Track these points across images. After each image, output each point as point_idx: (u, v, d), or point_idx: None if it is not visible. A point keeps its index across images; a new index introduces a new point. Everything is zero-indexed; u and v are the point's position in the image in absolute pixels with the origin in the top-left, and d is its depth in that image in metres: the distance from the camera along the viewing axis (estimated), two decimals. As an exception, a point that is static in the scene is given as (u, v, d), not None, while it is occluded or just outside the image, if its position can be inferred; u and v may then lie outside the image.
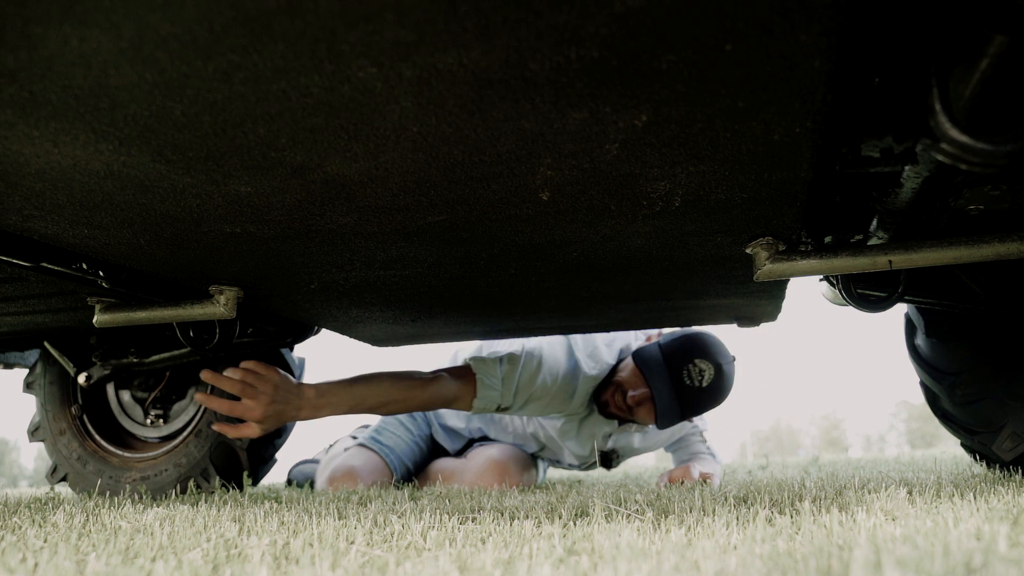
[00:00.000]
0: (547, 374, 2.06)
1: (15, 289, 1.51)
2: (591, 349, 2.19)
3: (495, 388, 2.00)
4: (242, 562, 0.79)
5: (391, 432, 2.59)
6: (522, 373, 2.03)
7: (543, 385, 2.05)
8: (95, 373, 2.07)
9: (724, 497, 1.33)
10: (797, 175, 0.92)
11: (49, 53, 0.63)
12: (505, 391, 2.02)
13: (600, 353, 2.20)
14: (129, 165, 0.85)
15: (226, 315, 1.43)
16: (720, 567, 0.65)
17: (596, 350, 2.20)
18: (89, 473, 2.12)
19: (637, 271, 1.38)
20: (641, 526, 0.99)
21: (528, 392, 2.05)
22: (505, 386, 2.01)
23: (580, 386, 2.13)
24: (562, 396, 2.12)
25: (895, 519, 0.98)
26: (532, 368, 2.04)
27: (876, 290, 1.51)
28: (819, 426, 72.73)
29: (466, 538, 0.93)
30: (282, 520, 1.15)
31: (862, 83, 0.84)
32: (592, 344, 2.21)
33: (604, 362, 2.19)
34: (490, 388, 2.00)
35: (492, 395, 2.01)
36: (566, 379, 2.10)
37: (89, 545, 0.92)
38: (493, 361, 2.04)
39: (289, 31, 0.60)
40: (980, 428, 1.77)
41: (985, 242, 1.15)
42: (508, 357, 2.05)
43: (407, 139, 0.80)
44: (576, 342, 2.18)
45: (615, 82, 0.69)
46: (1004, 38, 0.66)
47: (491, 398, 2.01)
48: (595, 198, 0.99)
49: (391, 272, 1.34)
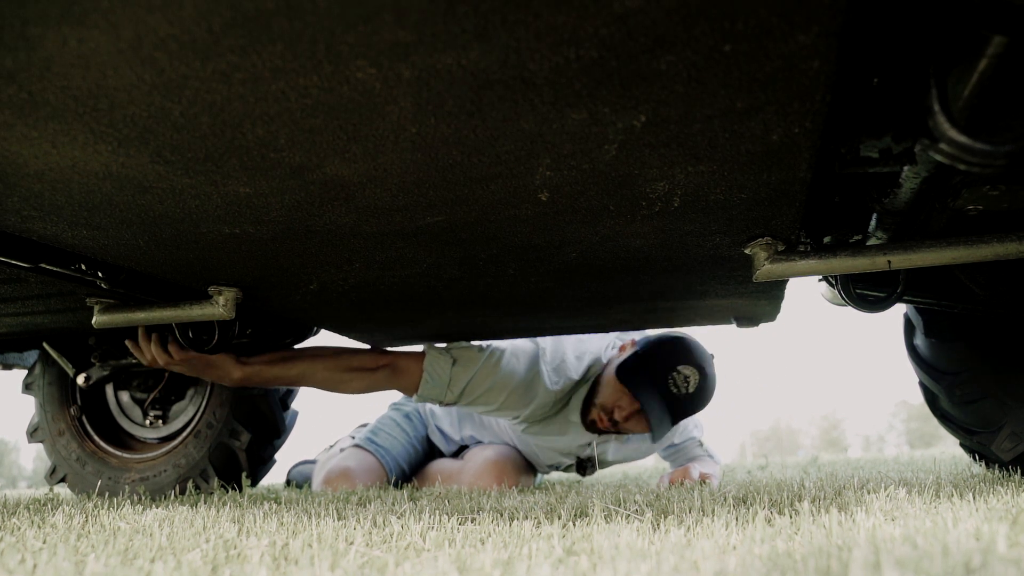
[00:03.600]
0: (499, 383, 2.07)
1: (14, 290, 1.51)
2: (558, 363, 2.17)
3: (439, 386, 2.05)
4: (241, 563, 0.79)
5: (387, 433, 2.59)
6: (474, 377, 2.06)
7: (492, 391, 2.07)
8: (94, 374, 2.07)
9: (723, 497, 1.33)
10: (796, 175, 0.92)
11: (48, 54, 0.63)
12: (449, 391, 2.06)
13: (567, 368, 2.17)
14: (128, 166, 0.85)
15: (225, 316, 1.43)
16: (719, 567, 0.65)
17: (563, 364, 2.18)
18: (88, 474, 2.11)
19: (636, 271, 1.38)
20: (640, 526, 0.99)
21: (474, 395, 2.08)
22: (451, 386, 2.06)
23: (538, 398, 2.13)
24: (512, 405, 2.13)
25: (894, 519, 0.98)
26: (485, 373, 2.06)
27: (875, 290, 1.51)
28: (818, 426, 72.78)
29: (465, 539, 0.93)
30: (281, 521, 1.15)
31: (861, 83, 0.84)
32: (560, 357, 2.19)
33: (568, 378, 2.16)
34: (433, 386, 2.05)
35: (435, 392, 2.06)
36: (518, 391, 2.11)
37: (88, 546, 0.92)
38: (447, 359, 2.06)
39: (288, 32, 0.60)
40: (979, 428, 1.77)
41: (984, 242, 1.15)
42: (465, 358, 2.07)
43: (406, 140, 0.80)
44: (545, 354, 2.17)
45: (614, 83, 0.69)
46: (1003, 38, 0.66)
47: (433, 395, 2.07)
48: (594, 199, 0.99)
49: (390, 273, 1.34)
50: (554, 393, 2.13)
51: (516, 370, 2.10)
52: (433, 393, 2.06)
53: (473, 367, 2.05)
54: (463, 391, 2.06)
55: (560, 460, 2.44)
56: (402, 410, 2.70)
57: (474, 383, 2.05)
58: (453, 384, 2.05)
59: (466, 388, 2.05)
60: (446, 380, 2.04)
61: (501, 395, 2.08)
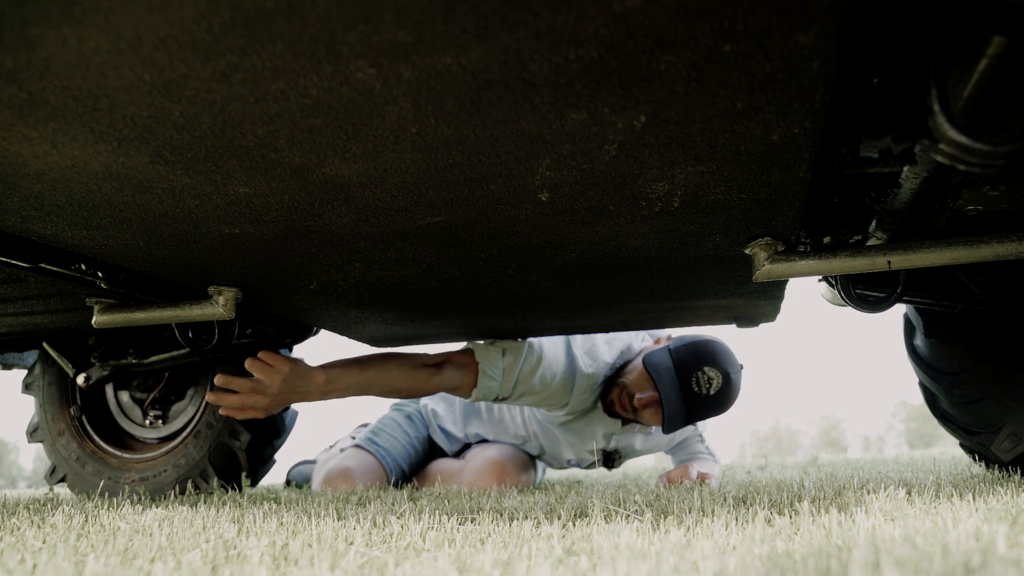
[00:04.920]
0: (546, 369, 2.08)
1: (14, 290, 1.51)
2: (589, 347, 2.21)
3: (495, 379, 2.04)
4: (241, 563, 0.79)
5: (388, 434, 2.59)
6: (523, 366, 2.05)
7: (542, 379, 2.08)
8: (94, 374, 2.07)
9: (723, 497, 1.33)
10: (796, 176, 0.92)
11: (48, 54, 0.63)
12: (505, 382, 2.05)
13: (599, 351, 2.21)
14: (128, 166, 0.85)
15: (225, 316, 1.43)
16: (719, 568, 0.65)
17: (595, 348, 2.21)
18: (88, 474, 2.11)
19: (636, 272, 1.38)
20: (640, 527, 0.99)
21: (527, 385, 2.07)
22: (505, 378, 2.04)
23: (577, 383, 2.15)
24: (559, 391, 2.14)
25: (894, 519, 0.98)
26: (532, 362, 2.06)
27: (875, 290, 1.51)
28: (818, 426, 72.76)
29: (465, 539, 0.93)
30: (281, 521, 1.14)
31: (861, 84, 0.84)
32: (591, 342, 2.22)
33: (602, 360, 2.20)
34: (491, 379, 2.03)
35: (492, 385, 2.04)
36: (564, 375, 2.12)
37: (88, 546, 0.92)
38: (496, 351, 2.06)
39: (288, 32, 0.60)
40: (979, 428, 1.77)
41: (984, 242, 1.15)
42: (511, 348, 2.07)
43: (406, 140, 0.80)
44: (575, 339, 2.20)
45: (614, 83, 0.69)
46: (1003, 39, 0.66)
47: (491, 388, 2.05)
48: (594, 199, 0.99)
49: (390, 273, 1.34)
50: (589, 376, 2.15)
51: (558, 356, 2.13)
52: (492, 386, 2.04)
53: (520, 355, 2.06)
54: (516, 381, 2.05)
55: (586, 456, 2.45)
56: (403, 411, 2.70)
57: (524, 373, 2.06)
58: (507, 374, 2.04)
59: (519, 377, 2.05)
60: (501, 370, 2.04)
61: (552, 381, 2.09)
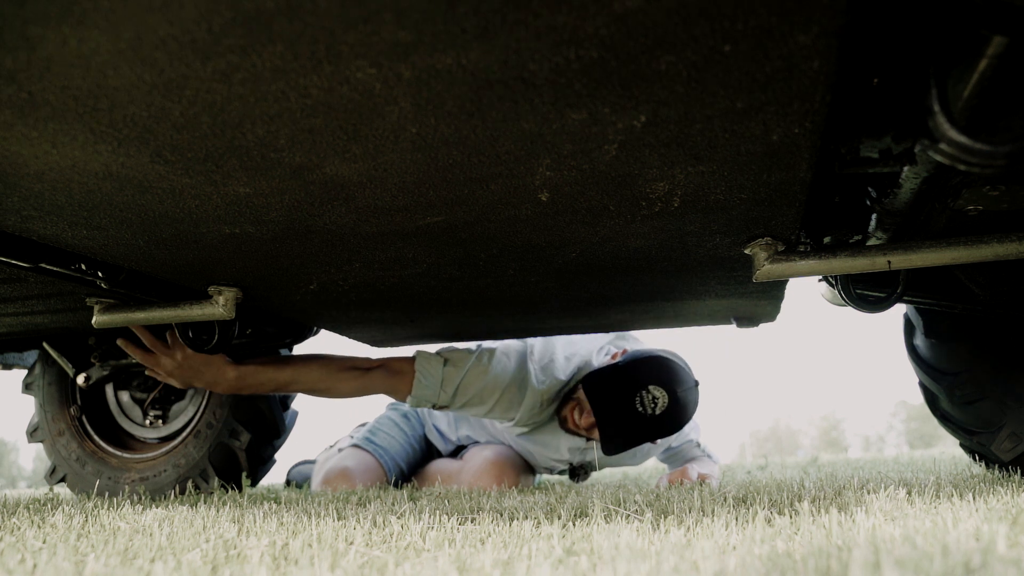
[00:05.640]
0: (490, 382, 2.06)
1: (14, 290, 1.51)
2: (546, 362, 2.15)
3: (430, 388, 2.04)
4: (241, 563, 0.79)
5: (385, 433, 2.60)
6: (464, 378, 2.05)
7: (483, 392, 2.06)
8: (94, 374, 2.07)
9: (723, 497, 1.33)
10: (796, 176, 0.92)
11: (48, 54, 0.63)
12: (443, 392, 2.05)
13: (555, 367, 2.15)
14: (128, 166, 0.85)
15: (225, 316, 1.43)
16: (719, 568, 0.65)
17: (551, 363, 2.15)
18: (88, 474, 2.11)
19: (636, 272, 1.38)
20: (640, 527, 0.99)
21: (467, 397, 2.07)
22: (444, 387, 2.04)
23: (527, 399, 2.10)
24: (505, 406, 2.11)
25: (894, 519, 0.98)
26: (475, 374, 2.05)
27: (875, 290, 1.51)
28: (818, 426, 72.76)
29: (465, 539, 0.93)
30: (281, 521, 1.14)
31: (861, 84, 0.84)
32: (549, 356, 2.17)
33: (555, 377, 2.14)
34: (425, 387, 2.04)
35: (427, 393, 2.05)
36: (510, 390, 2.09)
37: (88, 546, 0.92)
38: (438, 360, 2.06)
39: (288, 32, 0.60)
40: (979, 428, 1.77)
41: (984, 242, 1.15)
42: (455, 359, 2.06)
43: (406, 140, 0.80)
44: (533, 353, 2.15)
45: (614, 83, 0.69)
46: (1003, 39, 0.66)
47: (425, 396, 2.05)
48: (594, 199, 0.99)
49: (390, 273, 1.34)
50: (540, 392, 2.11)
51: (507, 369, 2.09)
52: (426, 394, 2.04)
53: (464, 366, 2.05)
54: (456, 392, 2.05)
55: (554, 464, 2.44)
56: (400, 410, 2.70)
57: (466, 382, 2.04)
58: (446, 384, 2.04)
59: (459, 388, 2.04)
60: (439, 380, 2.04)
61: (494, 395, 2.08)
